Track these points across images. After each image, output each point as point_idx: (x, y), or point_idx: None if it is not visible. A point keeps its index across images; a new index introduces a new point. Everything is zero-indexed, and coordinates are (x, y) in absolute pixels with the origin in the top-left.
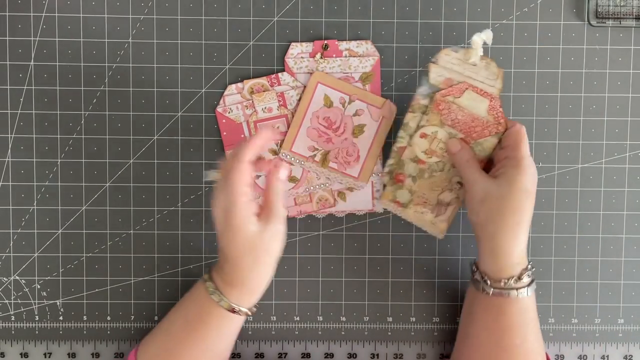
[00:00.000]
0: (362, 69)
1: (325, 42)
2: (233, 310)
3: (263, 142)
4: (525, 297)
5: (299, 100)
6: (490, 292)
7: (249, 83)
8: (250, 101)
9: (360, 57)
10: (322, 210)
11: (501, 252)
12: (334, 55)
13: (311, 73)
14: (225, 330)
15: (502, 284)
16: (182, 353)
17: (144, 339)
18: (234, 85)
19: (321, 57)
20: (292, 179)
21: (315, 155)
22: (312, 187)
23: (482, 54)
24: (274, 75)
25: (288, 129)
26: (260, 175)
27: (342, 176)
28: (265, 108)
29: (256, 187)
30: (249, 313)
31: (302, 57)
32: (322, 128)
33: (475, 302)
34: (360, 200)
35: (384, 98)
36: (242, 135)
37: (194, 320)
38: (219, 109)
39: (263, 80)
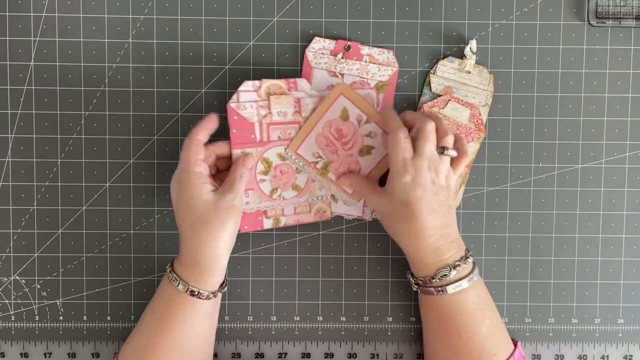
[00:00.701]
0: (380, 77)
1: (349, 43)
2: (192, 294)
3: (211, 125)
4: (449, 295)
5: (315, 106)
6: (418, 290)
7: (266, 83)
8: (267, 102)
9: (379, 65)
10: (318, 220)
11: (410, 257)
12: (355, 58)
13: (329, 71)
14: (191, 317)
15: (421, 282)
16: (154, 346)
17: (125, 342)
18: (250, 82)
19: (342, 57)
20: (295, 187)
21: (317, 162)
22: (313, 198)
23: (474, 62)
24: (292, 80)
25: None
26: (265, 179)
27: (337, 189)
28: (280, 112)
29: (262, 195)
30: (211, 296)
31: (322, 53)
32: (331, 138)
33: (419, 300)
34: (351, 205)
35: None
36: (252, 136)
37: (160, 312)
38: (232, 104)
39: (281, 83)
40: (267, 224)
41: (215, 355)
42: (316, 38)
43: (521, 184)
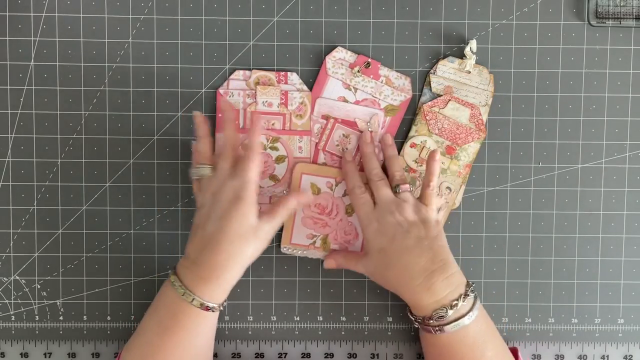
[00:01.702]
0: (391, 100)
1: (369, 60)
2: (207, 308)
3: (236, 122)
4: (446, 334)
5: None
6: (419, 326)
7: (257, 73)
8: (254, 91)
9: (394, 88)
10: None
11: (407, 300)
12: (371, 76)
13: (343, 82)
14: (201, 329)
15: (421, 320)
16: (159, 358)
17: (124, 349)
18: (241, 72)
19: (358, 72)
20: (272, 177)
21: (315, 241)
22: (289, 190)
23: (474, 62)
24: (283, 73)
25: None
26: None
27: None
28: (266, 102)
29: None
30: (221, 308)
31: (341, 64)
32: (315, 215)
33: (420, 334)
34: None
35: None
36: (236, 122)
37: (168, 324)
38: (221, 90)
39: (271, 75)
40: None
41: (215, 355)
42: (339, 48)
43: (521, 184)
